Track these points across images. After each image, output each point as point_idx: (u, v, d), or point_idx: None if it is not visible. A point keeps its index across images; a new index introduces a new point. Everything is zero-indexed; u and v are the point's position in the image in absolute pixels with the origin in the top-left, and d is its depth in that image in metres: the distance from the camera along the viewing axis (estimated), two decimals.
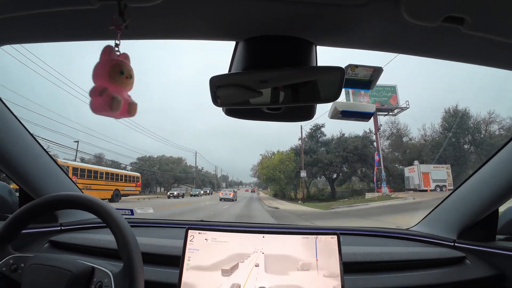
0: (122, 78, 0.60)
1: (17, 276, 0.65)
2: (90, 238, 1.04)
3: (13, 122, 0.97)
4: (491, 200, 0.93)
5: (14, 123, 0.97)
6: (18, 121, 0.98)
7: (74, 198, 0.69)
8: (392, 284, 0.88)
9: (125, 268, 0.61)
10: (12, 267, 0.66)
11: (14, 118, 0.97)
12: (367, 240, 1.19)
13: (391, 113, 22.15)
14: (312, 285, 0.72)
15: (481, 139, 21.01)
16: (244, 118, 0.76)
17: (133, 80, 0.62)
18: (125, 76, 0.60)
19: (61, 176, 1.17)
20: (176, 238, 0.98)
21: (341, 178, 23.36)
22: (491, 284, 0.92)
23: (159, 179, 31.42)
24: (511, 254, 0.89)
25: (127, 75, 0.60)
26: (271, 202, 18.54)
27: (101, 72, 0.59)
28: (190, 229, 0.78)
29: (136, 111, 0.63)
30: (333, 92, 0.59)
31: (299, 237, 0.77)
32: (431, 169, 18.32)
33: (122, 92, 0.61)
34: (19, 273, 0.65)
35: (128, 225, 0.66)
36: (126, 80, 0.60)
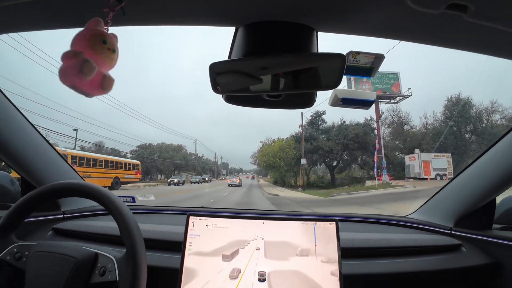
0: (104, 48, 0.53)
1: (21, 264, 0.66)
2: (92, 225, 1.06)
3: (13, 111, 0.96)
4: (489, 190, 0.94)
5: (13, 112, 0.97)
6: (17, 110, 0.98)
7: (76, 186, 0.70)
8: (388, 269, 0.91)
9: (128, 253, 0.63)
10: (17, 256, 0.67)
11: (13, 108, 0.97)
12: (365, 227, 1.22)
13: (392, 101, 21.95)
14: (311, 270, 0.75)
15: (483, 129, 20.95)
16: (244, 105, 0.76)
17: (116, 56, 0.56)
18: (107, 48, 0.53)
19: (62, 165, 1.18)
20: (177, 224, 1.00)
21: (341, 165, 23.46)
22: (486, 272, 0.95)
23: (159, 166, 31.59)
24: (507, 243, 0.91)
25: (109, 46, 0.54)
26: (271, 189, 18.69)
27: (80, 38, 0.52)
28: (191, 215, 0.79)
29: (112, 87, 0.56)
30: (333, 79, 0.59)
31: (298, 223, 0.79)
32: (432, 158, 18.34)
33: (102, 65, 0.54)
34: (24, 261, 0.67)
35: (130, 211, 0.68)
36: (108, 52, 0.54)
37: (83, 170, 12.62)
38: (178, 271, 0.74)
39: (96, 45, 0.52)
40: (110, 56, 0.54)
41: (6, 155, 0.97)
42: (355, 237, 1.00)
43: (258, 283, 0.73)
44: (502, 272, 0.92)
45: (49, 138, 1.28)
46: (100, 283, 0.63)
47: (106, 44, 0.53)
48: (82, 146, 23.57)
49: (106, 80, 0.55)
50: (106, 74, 0.55)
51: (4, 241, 0.69)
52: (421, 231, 1.15)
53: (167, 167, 32.61)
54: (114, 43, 0.55)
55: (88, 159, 14.23)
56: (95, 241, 0.93)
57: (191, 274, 0.74)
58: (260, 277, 0.73)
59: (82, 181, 0.74)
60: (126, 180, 17.14)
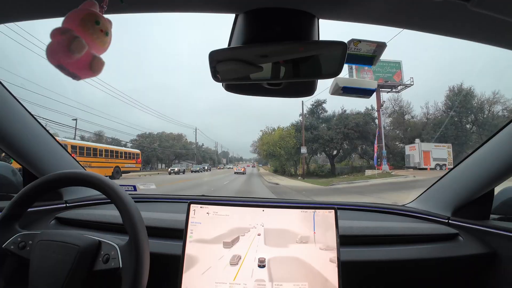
0: (96, 29, 0.50)
1: (25, 253, 0.68)
2: (95, 213, 1.07)
3: (12, 102, 0.96)
4: (487, 180, 0.95)
5: (13, 103, 0.96)
6: (17, 101, 0.98)
7: (78, 176, 0.71)
8: (385, 256, 0.93)
9: (130, 240, 0.64)
10: (20, 245, 0.68)
11: (13, 98, 0.96)
12: (364, 215, 1.23)
13: (394, 90, 21.77)
14: (310, 257, 0.76)
15: (484, 119, 20.83)
16: (244, 94, 0.75)
17: (109, 40, 0.53)
18: (100, 28, 0.51)
19: (63, 154, 1.19)
20: (179, 212, 1.01)
21: (341, 154, 23.50)
22: (483, 262, 0.96)
23: (159, 155, 31.69)
24: (504, 234, 0.92)
25: (102, 28, 0.51)
26: (271, 178, 18.81)
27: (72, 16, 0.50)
28: (192, 203, 0.80)
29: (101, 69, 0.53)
30: (334, 67, 0.59)
31: (297, 211, 0.80)
32: (432, 148, 18.33)
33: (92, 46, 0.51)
34: (28, 250, 0.68)
35: (132, 200, 0.68)
36: (100, 34, 0.51)
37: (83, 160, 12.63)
38: (179, 258, 0.76)
39: (88, 24, 0.49)
40: (102, 38, 0.52)
41: (7, 146, 0.97)
42: (353, 225, 1.01)
43: (258, 269, 0.75)
44: (498, 262, 0.93)
45: (49, 128, 1.28)
46: (103, 270, 0.65)
47: (98, 25, 0.50)
48: (82, 136, 23.58)
49: (95, 61, 0.52)
50: (96, 56, 0.52)
51: (7, 231, 0.70)
52: (419, 220, 1.16)
53: (167, 156, 32.73)
54: (108, 26, 0.53)
55: (88, 149, 14.23)
56: (98, 230, 0.94)
57: (193, 260, 0.75)
58: (260, 263, 0.75)
59: (84, 171, 0.75)
60: (126, 169, 17.20)
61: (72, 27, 0.48)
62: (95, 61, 0.51)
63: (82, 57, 0.49)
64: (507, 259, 0.91)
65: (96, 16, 0.50)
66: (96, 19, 0.50)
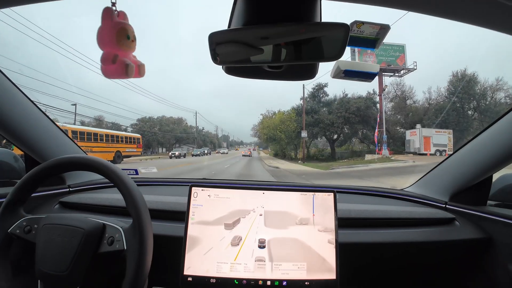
0: (129, 42, 0.63)
1: (31, 236, 0.69)
2: (98, 197, 1.09)
3: (12, 89, 0.95)
4: (486, 166, 0.95)
5: (12, 90, 0.95)
6: (16, 88, 0.97)
7: (81, 160, 0.71)
8: (382, 238, 0.95)
9: (134, 223, 0.65)
10: (26, 229, 0.69)
11: (12, 85, 0.95)
12: (362, 199, 1.25)
13: (397, 74, 21.42)
14: (309, 238, 0.78)
15: (486, 106, 20.63)
16: (244, 77, 0.74)
17: (136, 42, 0.66)
18: (131, 40, 0.64)
19: (64, 139, 1.19)
20: (180, 195, 1.03)
21: (341, 139, 23.50)
22: (478, 246, 0.98)
23: (160, 140, 31.74)
24: (500, 220, 0.93)
25: (132, 39, 0.64)
26: (272, 162, 18.90)
27: (108, 39, 0.61)
28: (193, 186, 0.81)
29: (145, 71, 0.69)
30: (336, 50, 0.57)
31: (297, 194, 0.81)
32: (433, 133, 18.28)
33: (129, 56, 0.65)
34: (33, 234, 0.69)
35: (134, 183, 0.69)
36: (132, 43, 0.64)
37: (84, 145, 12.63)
38: (182, 239, 0.78)
39: (123, 43, 0.62)
40: (133, 45, 0.65)
41: (9, 132, 0.97)
42: (352, 208, 1.03)
43: (258, 250, 0.77)
44: (493, 247, 0.95)
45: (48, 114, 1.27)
46: (108, 252, 0.66)
47: (129, 39, 0.63)
48: (82, 121, 23.52)
49: (141, 68, 0.67)
50: (139, 64, 0.67)
51: (13, 216, 0.71)
52: (417, 204, 1.18)
53: (168, 140, 32.79)
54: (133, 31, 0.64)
55: (88, 134, 14.22)
56: (101, 213, 0.96)
57: (195, 241, 0.77)
58: (260, 244, 0.77)
59: (87, 155, 0.75)
60: (127, 154, 17.26)
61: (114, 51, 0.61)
62: (141, 68, 0.67)
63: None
64: (502, 245, 0.92)
65: (125, 31, 0.62)
66: (127, 33, 0.63)
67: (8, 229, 0.69)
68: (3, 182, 1.08)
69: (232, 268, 0.76)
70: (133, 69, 0.64)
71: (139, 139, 19.51)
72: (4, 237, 0.69)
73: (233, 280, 0.75)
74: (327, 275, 0.76)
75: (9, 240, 0.70)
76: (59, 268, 0.64)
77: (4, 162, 1.11)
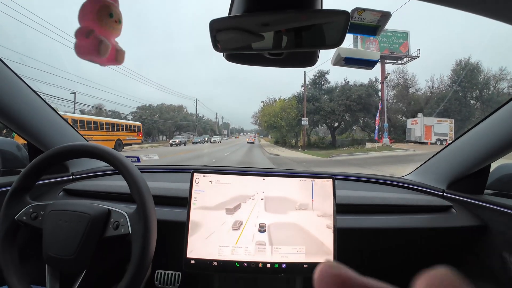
0: (111, 21, 0.58)
1: (38, 223, 0.70)
2: (101, 184, 1.11)
3: (13, 77, 0.95)
4: (485, 156, 0.95)
5: (14, 79, 0.95)
6: (17, 76, 0.96)
7: (86, 148, 0.72)
8: (379, 224, 0.97)
9: (138, 208, 0.67)
10: (32, 215, 0.71)
11: (13, 74, 0.95)
12: (361, 186, 1.27)
13: (400, 62, 21.09)
14: (307, 223, 0.80)
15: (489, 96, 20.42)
16: (245, 64, 0.74)
17: (121, 26, 0.60)
18: (114, 20, 0.58)
19: (66, 128, 1.19)
20: (182, 182, 1.05)
21: (342, 127, 23.42)
22: (474, 234, 1.00)
23: (160, 127, 31.73)
24: (496, 208, 0.94)
25: (116, 19, 0.58)
26: (272, 149, 18.92)
27: (88, 12, 0.56)
28: (195, 172, 0.83)
29: (124, 59, 0.62)
30: (337, 37, 0.57)
31: (297, 180, 0.83)
32: (434, 122, 18.18)
33: (110, 37, 0.59)
34: (40, 220, 0.70)
35: (137, 169, 0.71)
36: (115, 24, 0.59)
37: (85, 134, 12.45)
38: (184, 224, 0.80)
39: (104, 20, 0.56)
40: (117, 27, 0.59)
41: (12, 122, 0.98)
42: (350, 194, 1.05)
43: (259, 234, 0.79)
44: (488, 235, 0.97)
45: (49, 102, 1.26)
46: (114, 236, 0.68)
47: (112, 17, 0.57)
48: (82, 109, 23.41)
49: (119, 54, 0.61)
50: (118, 48, 0.61)
51: (19, 203, 0.72)
52: (415, 192, 1.20)
53: (168, 128, 32.78)
54: (119, 14, 0.59)
55: (89, 122, 14.19)
56: (105, 199, 0.98)
57: (197, 226, 0.80)
58: (260, 228, 0.80)
59: (91, 143, 0.76)
60: (128, 142, 17.30)
61: (92, 26, 0.55)
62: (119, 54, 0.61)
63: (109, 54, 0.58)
64: (497, 233, 0.94)
65: (109, 8, 0.57)
66: (109, 12, 0.57)
67: (15, 216, 0.71)
68: (8, 171, 1.10)
69: (233, 252, 0.78)
70: (107, 49, 0.57)
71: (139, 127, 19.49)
72: (11, 223, 0.70)
73: (234, 263, 0.78)
74: (325, 258, 0.79)
75: (16, 227, 0.71)
76: (66, 252, 0.66)
77: (7, 151, 1.12)
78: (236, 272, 0.78)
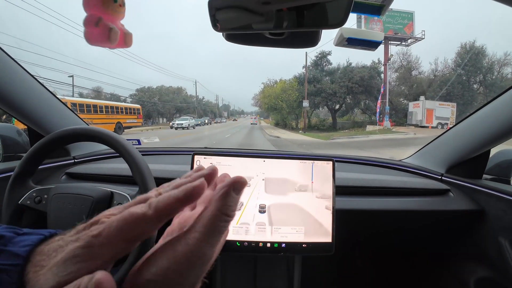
0: (116, 6, 0.59)
1: (42, 206, 0.71)
2: (103, 167, 1.11)
3: (10, 63, 0.93)
4: (484, 141, 0.95)
5: (11, 64, 0.94)
6: (15, 61, 0.95)
7: (87, 131, 0.72)
8: (378, 206, 0.99)
9: (140, 189, 0.68)
10: (36, 199, 0.72)
11: (11, 59, 0.93)
12: (361, 168, 1.28)
13: (404, 43, 20.58)
14: (307, 204, 0.82)
15: (492, 81, 20.12)
16: (245, 44, 0.72)
17: (125, 9, 0.61)
18: (118, 4, 0.59)
19: (66, 112, 1.19)
20: (183, 164, 1.06)
21: (343, 109, 23.25)
22: (470, 218, 1.02)
23: (160, 110, 31.55)
24: (493, 193, 0.95)
25: (120, 3, 0.59)
26: (272, 131, 18.91)
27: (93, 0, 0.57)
28: (196, 154, 0.83)
29: (132, 41, 0.64)
30: (340, 17, 0.55)
31: (297, 161, 0.84)
32: (436, 106, 17.96)
33: (116, 21, 0.60)
34: (44, 203, 0.71)
35: (138, 152, 0.71)
36: (119, 8, 0.60)
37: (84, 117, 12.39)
38: None
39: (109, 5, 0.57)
40: (122, 10, 0.60)
41: (11, 107, 0.97)
42: (350, 176, 1.06)
43: (259, 214, 0.81)
44: (485, 219, 0.98)
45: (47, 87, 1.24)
46: None
47: (116, 2, 0.58)
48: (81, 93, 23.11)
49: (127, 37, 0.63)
50: (126, 32, 0.62)
51: (22, 187, 0.73)
52: (413, 175, 1.21)
53: (168, 111, 32.60)
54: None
55: (88, 106, 14.04)
56: (107, 182, 0.99)
57: None
58: (260, 209, 0.81)
59: (91, 126, 0.76)
60: (128, 125, 17.24)
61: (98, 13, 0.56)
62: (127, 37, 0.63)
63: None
64: (493, 217, 0.95)
65: None
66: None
67: (18, 200, 0.71)
68: (9, 156, 1.10)
69: (234, 231, 0.80)
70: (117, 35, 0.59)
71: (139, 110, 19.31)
72: (15, 208, 0.71)
73: (235, 242, 0.80)
74: (324, 238, 0.81)
75: (21, 211, 0.72)
76: None
77: (8, 137, 1.12)
78: (237, 251, 0.81)
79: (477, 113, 0.99)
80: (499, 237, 0.92)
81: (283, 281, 0.98)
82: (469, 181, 1.04)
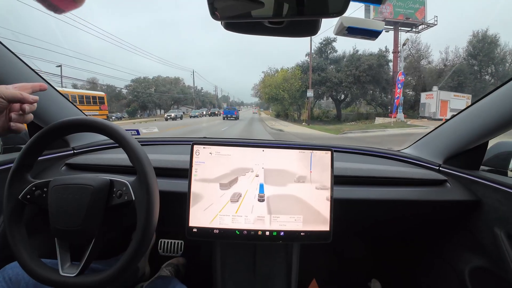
0: None
1: (42, 199, 0.74)
2: (102, 157, 1.15)
3: (7, 53, 0.95)
4: (483, 132, 0.98)
5: (7, 54, 0.96)
6: (11, 52, 0.96)
7: (86, 122, 0.75)
8: (375, 195, 1.03)
9: (139, 176, 0.72)
10: (36, 193, 0.74)
11: (7, 50, 0.95)
12: (359, 158, 1.33)
13: (414, 29, 20.13)
14: (306, 194, 0.86)
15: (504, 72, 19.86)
16: (244, 33, 0.74)
17: None
18: None
19: (64, 103, 1.21)
20: (183, 154, 1.09)
21: (348, 100, 23.02)
22: (467, 208, 1.06)
23: (156, 101, 31.40)
24: (490, 184, 0.98)
25: None
26: (274, 124, 18.68)
27: None
28: (195, 144, 0.87)
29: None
30: (340, 5, 0.57)
31: (295, 151, 0.88)
32: (451, 97, 17.57)
33: None
34: (44, 196, 0.74)
35: (136, 140, 0.74)
36: None
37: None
38: (186, 195, 0.85)
39: None
40: None
41: None
42: (348, 166, 1.11)
43: (258, 204, 0.86)
44: (481, 210, 1.02)
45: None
46: (118, 204, 0.73)
47: None
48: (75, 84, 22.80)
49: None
50: None
51: (21, 182, 0.75)
52: (411, 165, 1.25)
53: (165, 102, 32.47)
54: None
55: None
56: (107, 172, 1.03)
57: (198, 197, 0.85)
58: (260, 198, 0.86)
59: (90, 117, 0.78)
60: None
61: None
62: None
63: None
64: (490, 208, 0.99)
65: None
66: None
67: (18, 195, 0.74)
68: (9, 148, 1.13)
69: (234, 220, 0.85)
70: None
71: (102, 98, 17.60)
72: (16, 203, 0.74)
73: (235, 231, 0.85)
74: (321, 227, 0.85)
75: (21, 205, 0.75)
76: (73, 224, 0.70)
77: None
78: (236, 239, 0.85)
79: (475, 105, 1.02)
80: (494, 227, 0.96)
81: (282, 268, 1.03)
82: (467, 172, 1.08)
